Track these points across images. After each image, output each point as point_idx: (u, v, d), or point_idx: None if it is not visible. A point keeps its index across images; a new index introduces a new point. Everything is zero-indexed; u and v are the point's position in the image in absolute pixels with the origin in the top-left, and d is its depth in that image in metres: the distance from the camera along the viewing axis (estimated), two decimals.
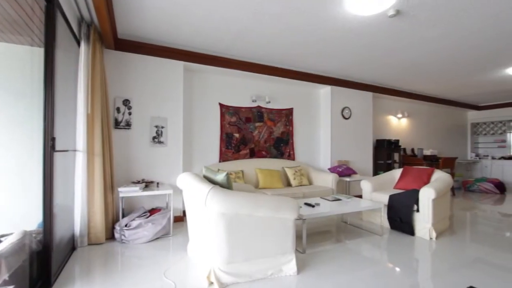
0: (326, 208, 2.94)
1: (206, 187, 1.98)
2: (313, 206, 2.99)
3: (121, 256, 2.56)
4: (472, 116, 8.43)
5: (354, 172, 4.93)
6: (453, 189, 6.29)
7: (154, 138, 3.60)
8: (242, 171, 4.23)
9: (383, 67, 4.65)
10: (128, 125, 3.46)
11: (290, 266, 2.19)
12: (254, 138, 4.72)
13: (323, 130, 5.39)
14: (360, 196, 4.90)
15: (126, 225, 2.95)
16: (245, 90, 4.69)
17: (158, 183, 3.47)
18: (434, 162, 6.28)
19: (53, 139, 1.98)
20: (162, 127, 3.65)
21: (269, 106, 4.90)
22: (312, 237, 3.12)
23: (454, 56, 4.09)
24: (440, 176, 3.58)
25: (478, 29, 3.16)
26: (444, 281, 2.10)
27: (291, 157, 5.09)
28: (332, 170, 4.91)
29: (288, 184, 4.55)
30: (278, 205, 2.13)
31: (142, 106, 3.56)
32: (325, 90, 5.36)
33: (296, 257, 2.24)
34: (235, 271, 2.01)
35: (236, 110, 4.58)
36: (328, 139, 5.24)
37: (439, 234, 3.22)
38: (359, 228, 3.49)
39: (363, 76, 5.20)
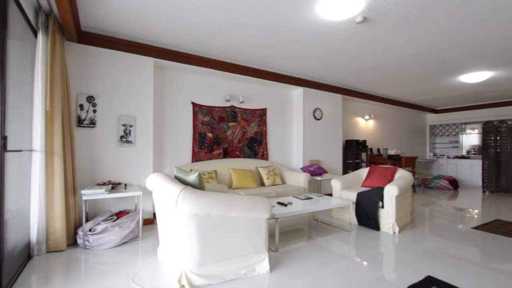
0: (298, 207, 3.01)
1: (177, 188, 1.92)
2: (285, 205, 3.04)
3: (85, 263, 2.39)
4: (431, 118, 9.14)
5: (325, 171, 5.10)
6: (414, 186, 6.76)
7: (121, 137, 3.42)
8: (216, 171, 4.18)
9: (352, 71, 4.87)
10: (92, 123, 3.25)
11: (263, 265, 2.20)
12: (227, 138, 4.69)
13: (296, 131, 5.51)
14: (331, 194, 5.09)
15: (90, 230, 2.77)
16: (218, 90, 4.65)
17: (126, 185, 3.30)
18: (397, 161, 6.71)
19: (5, 137, 1.80)
20: (131, 126, 3.48)
21: (243, 106, 4.90)
22: (285, 236, 3.18)
23: (416, 63, 4.40)
24: (402, 174, 3.83)
25: (436, 38, 3.42)
26: (405, 272, 2.25)
27: (264, 157, 5.13)
28: (304, 169, 5.04)
29: (262, 184, 4.58)
30: (251, 204, 2.13)
31: (108, 104, 3.36)
32: (297, 91, 5.48)
33: (269, 256, 2.26)
34: (207, 273, 1.98)
35: (209, 110, 4.51)
36: (301, 139, 5.36)
37: (402, 229, 3.45)
38: (329, 225, 3.62)
39: (334, 79, 5.40)
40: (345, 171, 6.18)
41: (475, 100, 7.45)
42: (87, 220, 2.91)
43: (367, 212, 3.46)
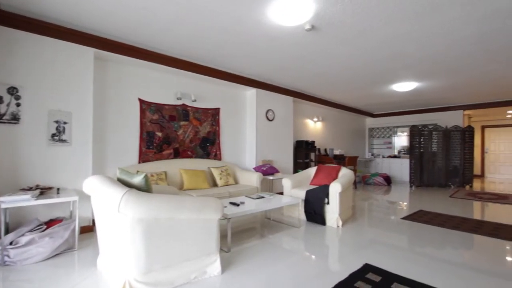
0: (251, 206, 3.04)
1: (119, 191, 1.77)
2: (238, 205, 3.05)
3: (4, 282, 2.04)
4: (369, 122, 10.16)
5: (277, 171, 5.26)
6: (355, 183, 7.41)
7: (53, 135, 3.02)
8: (165, 172, 3.98)
9: (302, 76, 5.12)
10: (15, 119, 2.80)
11: (215, 266, 2.17)
12: (178, 137, 4.51)
13: (249, 131, 5.57)
14: (282, 193, 5.26)
15: (11, 243, 2.38)
16: (169, 87, 4.44)
17: (59, 189, 2.92)
18: (341, 160, 7.28)
19: None
20: (65, 123, 3.10)
21: (195, 104, 4.77)
22: (237, 235, 3.18)
23: (357, 72, 4.83)
24: (345, 173, 4.16)
25: (374, 51, 3.81)
26: (347, 262, 2.45)
27: (217, 157, 5.07)
28: (257, 169, 5.12)
29: (214, 184, 4.52)
30: (201, 206, 2.08)
31: (36, 97, 2.94)
32: (251, 92, 5.55)
33: (221, 257, 2.24)
34: (154, 280, 1.87)
35: (158, 107, 4.28)
36: (254, 139, 5.44)
37: (344, 222, 3.74)
38: (280, 223, 3.74)
39: (286, 82, 5.62)
40: (295, 170, 6.47)
41: (404, 106, 8.52)
42: (7, 232, 2.49)
43: (314, 209, 3.67)
